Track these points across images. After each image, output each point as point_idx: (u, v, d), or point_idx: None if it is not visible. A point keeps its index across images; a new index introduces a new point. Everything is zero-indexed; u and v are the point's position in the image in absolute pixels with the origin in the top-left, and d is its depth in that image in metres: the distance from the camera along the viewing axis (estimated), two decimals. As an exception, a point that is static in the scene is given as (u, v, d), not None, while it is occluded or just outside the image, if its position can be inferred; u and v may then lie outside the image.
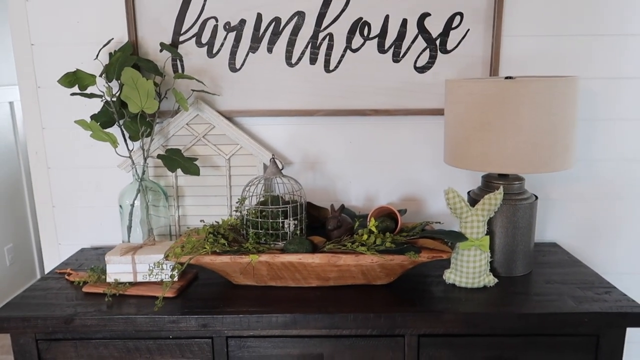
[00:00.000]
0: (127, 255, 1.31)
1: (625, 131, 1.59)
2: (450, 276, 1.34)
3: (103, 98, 1.45)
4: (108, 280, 1.32)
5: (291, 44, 1.53)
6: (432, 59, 1.54)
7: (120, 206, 1.51)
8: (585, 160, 1.61)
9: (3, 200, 2.96)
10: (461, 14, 1.50)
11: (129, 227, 1.50)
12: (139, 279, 1.32)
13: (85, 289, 1.32)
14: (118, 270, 1.31)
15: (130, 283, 1.32)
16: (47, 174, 1.63)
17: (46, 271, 1.65)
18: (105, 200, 1.65)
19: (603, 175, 1.63)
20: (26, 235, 3.19)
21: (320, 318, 1.19)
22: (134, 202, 1.49)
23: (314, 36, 1.52)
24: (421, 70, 1.55)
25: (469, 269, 1.30)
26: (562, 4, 1.51)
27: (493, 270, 1.37)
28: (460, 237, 1.29)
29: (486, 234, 1.31)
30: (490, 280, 1.32)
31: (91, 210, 1.66)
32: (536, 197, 1.40)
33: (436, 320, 1.19)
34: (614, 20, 1.52)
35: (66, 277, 1.40)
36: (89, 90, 1.46)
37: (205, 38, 1.53)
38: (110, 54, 1.49)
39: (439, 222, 1.49)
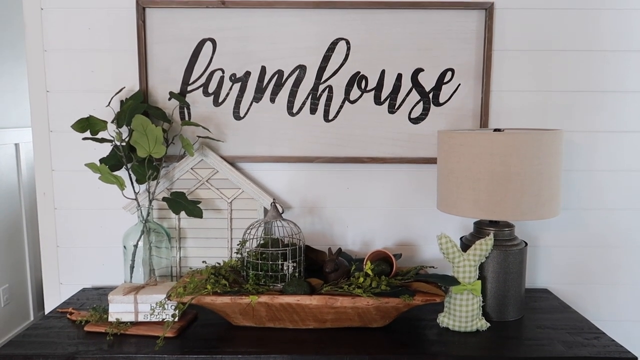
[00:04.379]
0: (130, 294, 1.34)
1: (606, 182, 1.67)
2: (443, 320, 1.37)
3: (113, 143, 1.52)
4: (110, 319, 1.34)
5: (293, 95, 1.62)
6: (426, 111, 1.63)
7: (124, 247, 1.55)
8: (570, 209, 1.68)
9: (2, 240, 2.98)
10: (452, 70, 1.61)
11: (132, 267, 1.54)
12: (140, 318, 1.34)
13: (87, 328, 1.35)
14: (120, 309, 1.34)
15: (131, 322, 1.34)
16: (53, 215, 1.68)
17: (47, 311, 1.67)
18: (108, 241, 1.69)
19: (588, 223, 1.69)
20: (22, 276, 3.19)
21: (317, 359, 1.22)
22: (137, 243, 1.53)
23: (315, 88, 1.62)
24: (415, 121, 1.63)
25: (462, 312, 1.34)
26: (546, 62, 1.62)
27: (485, 314, 1.41)
28: (453, 281, 1.33)
29: (478, 279, 1.36)
30: (483, 324, 1.36)
31: (94, 251, 1.70)
32: (526, 244, 1.45)
33: (430, 363, 1.22)
34: (596, 78, 1.63)
35: (68, 316, 1.43)
36: (100, 135, 1.53)
37: (211, 88, 1.62)
38: (121, 101, 1.58)
39: (433, 267, 1.53)
